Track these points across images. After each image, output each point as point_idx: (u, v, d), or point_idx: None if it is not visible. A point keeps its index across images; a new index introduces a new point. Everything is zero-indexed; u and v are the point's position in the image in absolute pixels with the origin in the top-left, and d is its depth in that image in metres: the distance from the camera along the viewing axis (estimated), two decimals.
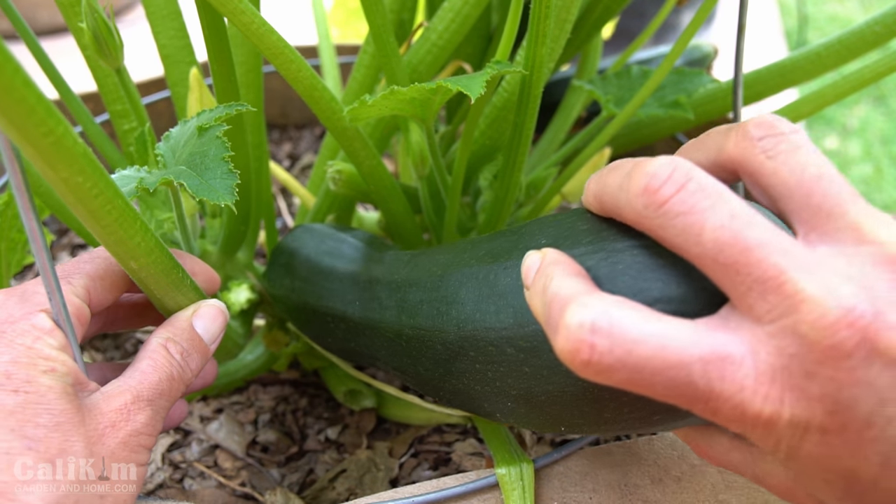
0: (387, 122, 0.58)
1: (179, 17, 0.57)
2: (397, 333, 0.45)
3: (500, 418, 0.42)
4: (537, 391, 0.36)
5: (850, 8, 2.85)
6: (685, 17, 1.50)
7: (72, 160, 0.30)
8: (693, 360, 0.27)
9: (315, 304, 0.52)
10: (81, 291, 0.38)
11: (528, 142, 0.49)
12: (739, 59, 0.52)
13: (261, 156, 0.58)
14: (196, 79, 0.53)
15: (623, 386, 0.28)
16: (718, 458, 0.36)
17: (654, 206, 0.29)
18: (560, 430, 0.39)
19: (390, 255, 0.51)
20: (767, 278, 0.27)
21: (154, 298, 0.41)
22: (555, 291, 0.30)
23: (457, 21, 0.53)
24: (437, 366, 0.43)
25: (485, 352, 0.38)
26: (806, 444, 0.27)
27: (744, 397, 0.27)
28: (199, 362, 0.41)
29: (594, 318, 0.28)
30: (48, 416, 0.33)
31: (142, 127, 0.50)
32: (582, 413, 0.36)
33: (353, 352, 0.52)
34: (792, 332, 0.26)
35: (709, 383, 0.27)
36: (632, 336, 0.27)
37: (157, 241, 0.37)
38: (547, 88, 0.48)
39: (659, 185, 0.29)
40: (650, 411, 0.34)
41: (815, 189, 0.29)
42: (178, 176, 0.39)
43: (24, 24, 0.53)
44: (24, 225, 0.32)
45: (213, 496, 0.56)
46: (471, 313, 0.39)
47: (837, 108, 2.35)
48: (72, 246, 0.85)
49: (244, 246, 0.60)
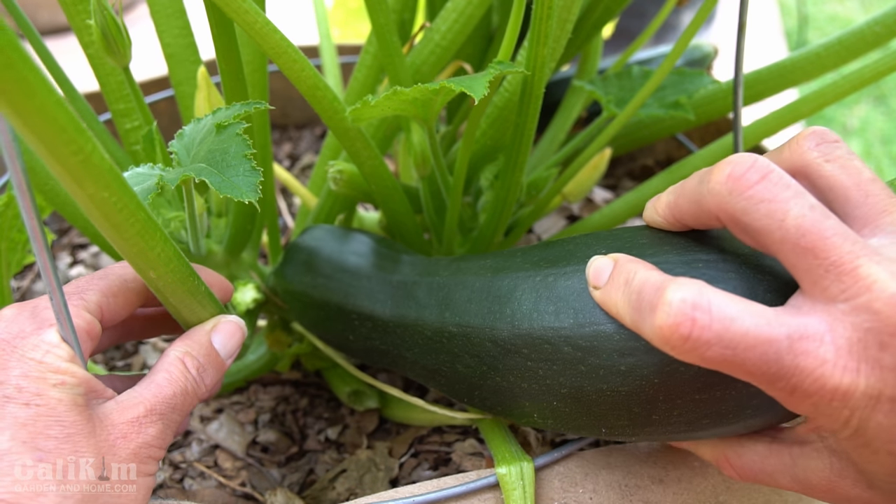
0: (389, 122, 0.58)
1: (184, 16, 0.57)
2: (437, 331, 0.46)
3: (537, 418, 0.43)
4: (589, 390, 0.38)
5: (850, 8, 2.85)
6: (685, 17, 1.50)
7: (99, 176, 0.30)
8: (781, 338, 0.30)
9: (340, 302, 0.52)
10: (94, 307, 0.39)
11: (529, 142, 0.49)
12: (740, 59, 0.52)
13: (266, 156, 0.58)
14: (204, 77, 0.53)
15: (712, 363, 0.30)
16: (752, 467, 0.38)
17: (739, 191, 0.32)
18: (600, 433, 0.40)
19: (419, 258, 0.52)
20: (843, 262, 0.30)
21: (171, 308, 0.41)
22: (643, 279, 0.33)
23: (460, 21, 0.53)
24: (481, 363, 0.43)
25: (539, 349, 0.39)
26: (877, 414, 0.29)
27: (825, 370, 0.29)
28: (213, 378, 0.42)
29: (694, 295, 0.31)
30: (59, 428, 0.34)
31: (146, 126, 0.50)
32: (630, 414, 0.37)
33: (376, 350, 0.52)
34: (866, 308, 0.29)
35: (794, 359, 0.30)
36: (728, 313, 0.30)
37: (175, 251, 0.37)
38: (547, 89, 0.48)
39: (744, 171, 0.32)
40: (700, 414, 0.36)
41: (871, 190, 0.33)
42: (199, 173, 0.39)
43: (28, 24, 0.53)
44: (26, 224, 0.32)
45: (214, 496, 0.56)
46: (527, 312, 0.40)
47: (837, 108, 2.35)
48: (72, 246, 0.85)
49: (249, 246, 0.60)
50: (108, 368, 0.69)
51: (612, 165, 0.94)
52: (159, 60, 0.59)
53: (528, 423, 0.45)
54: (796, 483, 0.36)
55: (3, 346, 0.35)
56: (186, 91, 0.58)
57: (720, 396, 0.35)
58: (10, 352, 0.35)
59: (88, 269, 0.81)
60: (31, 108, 0.26)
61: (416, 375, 0.50)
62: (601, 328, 0.37)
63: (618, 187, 0.92)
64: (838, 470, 0.33)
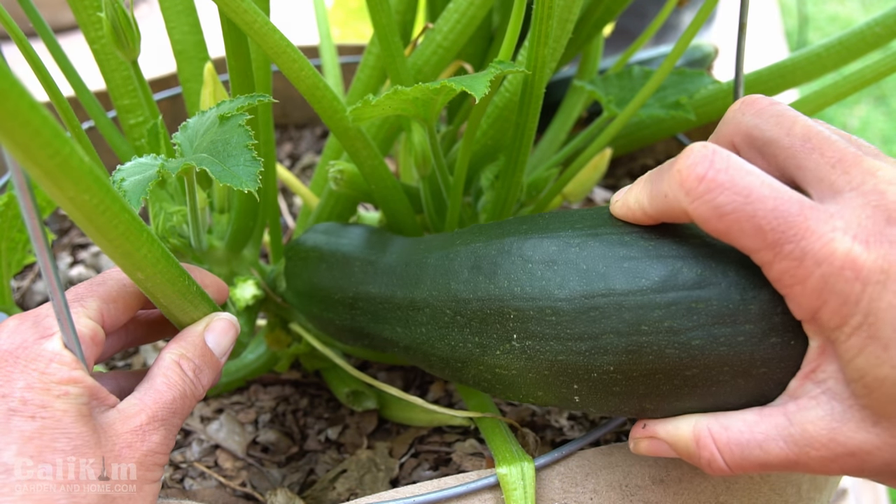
0: (391, 123, 0.58)
1: (194, 13, 0.57)
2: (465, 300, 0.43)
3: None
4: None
5: (850, 8, 2.85)
6: (686, 17, 1.50)
7: (78, 179, 0.30)
8: (794, 200, 0.32)
9: (356, 290, 0.50)
10: (95, 314, 0.39)
11: (529, 142, 0.49)
12: (740, 59, 0.52)
13: (268, 153, 0.58)
14: (210, 73, 0.53)
15: (724, 213, 0.32)
16: (739, 439, 0.35)
17: (748, 106, 0.36)
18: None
19: (425, 238, 0.50)
20: (847, 158, 0.32)
21: (163, 308, 0.41)
22: (662, 167, 0.36)
23: (462, 22, 0.53)
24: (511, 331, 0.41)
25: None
26: (887, 293, 0.30)
27: (835, 235, 0.30)
28: (210, 378, 0.42)
29: (716, 147, 0.33)
30: (65, 441, 0.34)
31: (152, 120, 0.50)
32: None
33: (385, 336, 0.50)
34: (872, 190, 0.31)
35: (805, 220, 0.31)
36: (746, 166, 0.32)
37: (163, 251, 0.37)
38: (548, 88, 0.48)
39: (754, 96, 0.37)
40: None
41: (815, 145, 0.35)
42: (201, 162, 0.39)
43: (43, 22, 0.53)
44: (26, 224, 0.32)
45: (214, 496, 0.56)
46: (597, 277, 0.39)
47: (838, 108, 2.35)
48: (72, 246, 0.85)
49: (250, 243, 0.60)
50: (108, 368, 0.69)
51: (613, 165, 0.93)
52: (160, 60, 0.59)
53: (550, 403, 0.43)
54: (791, 445, 0.33)
55: (6, 357, 0.35)
56: (194, 88, 0.58)
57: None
58: (13, 363, 0.35)
59: (89, 269, 0.81)
60: (4, 111, 0.26)
61: (437, 360, 0.47)
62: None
63: (618, 187, 0.91)
64: (840, 414, 0.32)
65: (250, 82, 0.48)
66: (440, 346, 0.45)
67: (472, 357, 0.43)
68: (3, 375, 0.34)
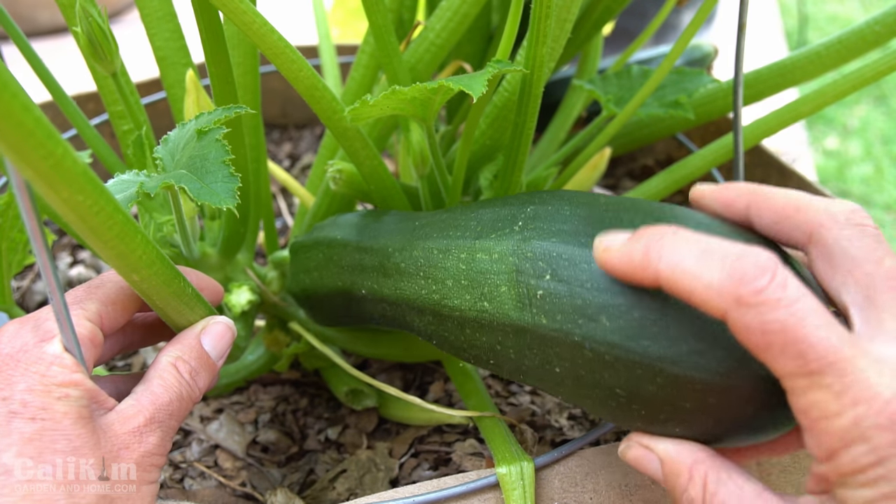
0: (385, 120, 0.58)
1: (174, 19, 0.56)
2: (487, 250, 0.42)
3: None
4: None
5: (850, 8, 2.85)
6: (685, 16, 1.50)
7: (72, 180, 0.30)
8: (844, 334, 0.30)
9: (362, 244, 0.50)
10: (94, 316, 0.39)
11: (528, 141, 0.49)
12: (740, 58, 0.52)
13: (259, 157, 0.58)
14: (192, 81, 0.53)
15: (769, 332, 0.30)
16: (726, 501, 0.33)
17: (853, 213, 0.35)
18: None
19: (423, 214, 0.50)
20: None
21: (159, 310, 0.41)
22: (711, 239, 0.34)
23: (455, 20, 0.53)
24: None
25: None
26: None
27: (882, 380, 0.29)
28: (206, 380, 0.42)
29: (779, 261, 0.31)
30: (65, 442, 0.34)
31: (136, 131, 0.49)
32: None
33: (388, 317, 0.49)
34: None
35: (854, 357, 0.29)
36: (803, 290, 0.30)
37: (157, 253, 0.37)
38: (547, 88, 0.48)
39: (862, 211, 0.35)
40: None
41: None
42: (179, 180, 0.39)
43: (14, 26, 0.52)
44: (26, 225, 0.32)
45: (214, 496, 0.56)
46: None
47: (838, 108, 2.35)
48: (72, 246, 0.85)
49: (244, 247, 0.60)
50: (108, 369, 0.69)
51: (612, 165, 0.94)
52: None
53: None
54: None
55: (6, 360, 0.35)
56: (178, 94, 0.57)
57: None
58: (13, 366, 0.35)
59: (89, 269, 0.81)
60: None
61: (451, 328, 0.46)
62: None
63: (618, 187, 0.92)
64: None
65: (232, 89, 0.47)
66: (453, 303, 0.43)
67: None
68: (4, 378, 0.35)
